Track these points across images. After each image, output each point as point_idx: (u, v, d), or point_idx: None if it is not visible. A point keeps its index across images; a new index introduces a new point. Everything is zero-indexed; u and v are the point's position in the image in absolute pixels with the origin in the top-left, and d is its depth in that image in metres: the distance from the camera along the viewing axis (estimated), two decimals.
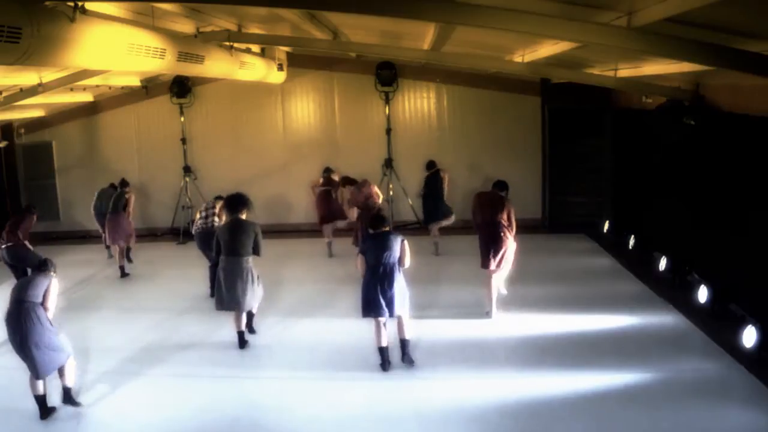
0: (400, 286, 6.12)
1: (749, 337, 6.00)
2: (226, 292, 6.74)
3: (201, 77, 10.75)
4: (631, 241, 9.92)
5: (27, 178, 13.19)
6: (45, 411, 5.38)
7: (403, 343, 6.22)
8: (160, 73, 11.59)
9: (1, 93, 9.21)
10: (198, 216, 8.78)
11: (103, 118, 13.05)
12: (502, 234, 7.30)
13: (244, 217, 6.88)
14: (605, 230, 11.14)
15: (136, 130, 13.05)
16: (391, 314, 6.08)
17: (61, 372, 5.44)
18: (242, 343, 6.85)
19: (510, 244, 7.38)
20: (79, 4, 4.58)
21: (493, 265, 7.34)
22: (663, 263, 8.63)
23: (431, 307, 7.73)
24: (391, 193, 12.55)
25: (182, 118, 12.77)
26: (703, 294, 7.28)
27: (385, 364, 6.15)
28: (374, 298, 6.06)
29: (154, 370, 6.37)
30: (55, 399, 5.50)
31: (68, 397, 5.50)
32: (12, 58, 4.16)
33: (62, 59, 4.78)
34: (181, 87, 12.47)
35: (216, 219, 8.53)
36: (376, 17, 5.97)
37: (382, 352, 6.18)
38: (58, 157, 13.15)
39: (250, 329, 7.10)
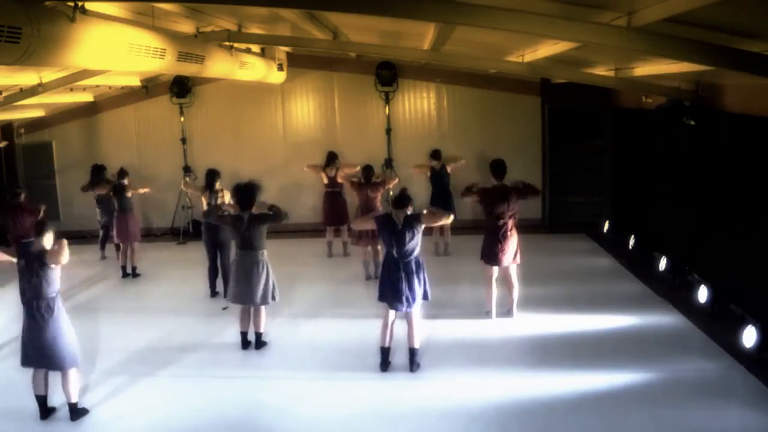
0: (421, 278, 6.04)
1: (749, 337, 6.00)
2: (237, 285, 6.70)
3: (201, 77, 10.74)
4: (631, 241, 9.92)
5: (27, 178, 13.17)
6: (45, 411, 5.37)
7: (412, 352, 6.14)
8: (160, 73, 11.59)
9: (1, 93, 9.21)
10: (204, 204, 8.63)
11: (103, 118, 13.04)
12: (511, 230, 7.25)
13: (254, 210, 6.73)
14: (605, 230, 11.14)
15: (136, 130, 13.05)
16: (409, 307, 6.02)
17: (64, 386, 5.33)
18: (245, 343, 6.84)
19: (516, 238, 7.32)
20: (79, 4, 4.58)
21: (505, 262, 7.27)
22: (663, 263, 8.62)
23: (432, 307, 7.71)
24: (390, 193, 12.53)
25: (182, 118, 12.77)
26: (703, 294, 7.27)
27: (384, 365, 6.14)
28: (391, 287, 6.00)
29: (154, 370, 6.37)
30: (55, 400, 5.50)
31: (74, 411, 5.38)
32: (12, 58, 4.16)
33: (62, 59, 4.78)
34: (181, 87, 12.46)
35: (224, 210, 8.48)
36: (376, 17, 5.97)
37: (384, 352, 6.17)
38: (58, 157, 13.14)
39: (258, 343, 6.86)
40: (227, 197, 8.55)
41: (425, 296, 6.19)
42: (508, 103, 12.26)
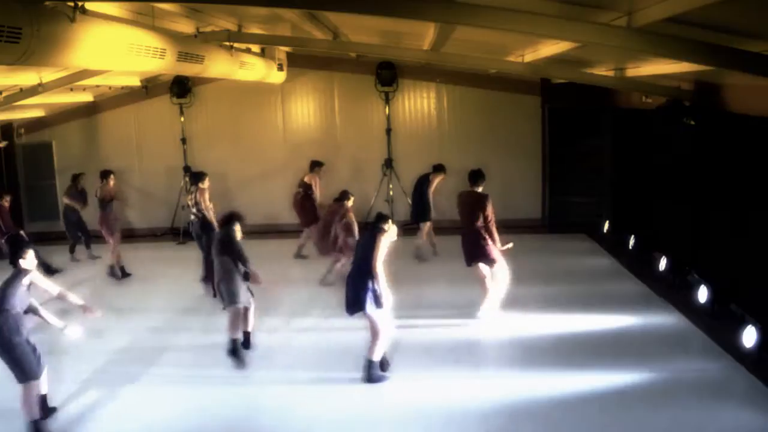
0: (365, 285, 5.75)
1: (749, 337, 6.00)
2: (242, 288, 6.63)
3: (201, 77, 10.74)
4: (631, 241, 9.92)
5: (27, 178, 13.18)
6: (45, 411, 5.37)
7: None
8: (160, 73, 11.59)
9: (1, 93, 9.22)
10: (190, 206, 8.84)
11: (103, 118, 13.05)
12: (482, 241, 7.18)
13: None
14: (605, 230, 11.14)
15: (136, 130, 13.05)
16: (350, 313, 5.90)
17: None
18: (237, 350, 6.52)
19: (492, 249, 7.24)
20: (79, 4, 4.58)
21: (476, 264, 7.30)
22: (663, 263, 8.63)
23: (430, 308, 7.73)
24: (391, 193, 12.56)
25: (182, 118, 12.77)
26: (703, 294, 7.27)
27: (384, 365, 6.13)
28: (346, 294, 5.94)
29: (153, 371, 6.38)
30: (56, 400, 5.50)
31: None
32: (12, 58, 4.17)
33: (62, 59, 4.79)
34: (181, 87, 12.47)
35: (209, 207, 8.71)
36: (376, 17, 5.98)
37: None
38: (58, 157, 13.13)
39: (248, 343, 6.79)
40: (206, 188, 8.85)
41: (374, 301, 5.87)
42: (508, 103, 12.27)
